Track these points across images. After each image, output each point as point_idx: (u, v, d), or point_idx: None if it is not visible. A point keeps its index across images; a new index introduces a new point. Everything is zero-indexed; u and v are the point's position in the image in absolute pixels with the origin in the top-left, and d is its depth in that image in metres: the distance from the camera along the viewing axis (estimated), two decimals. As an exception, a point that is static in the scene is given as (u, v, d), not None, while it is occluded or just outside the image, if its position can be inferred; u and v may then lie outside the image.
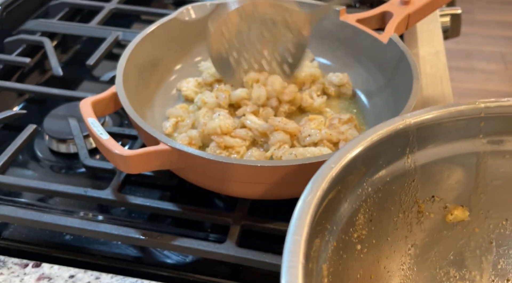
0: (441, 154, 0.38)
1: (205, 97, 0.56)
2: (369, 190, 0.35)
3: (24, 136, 0.55)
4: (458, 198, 0.39)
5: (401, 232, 0.38)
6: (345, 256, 0.34)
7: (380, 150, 0.35)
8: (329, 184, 0.32)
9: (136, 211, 0.51)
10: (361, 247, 0.36)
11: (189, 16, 0.62)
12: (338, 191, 0.33)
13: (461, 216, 0.40)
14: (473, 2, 2.62)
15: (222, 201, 0.52)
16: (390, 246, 0.38)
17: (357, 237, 0.35)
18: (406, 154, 0.37)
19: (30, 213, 0.47)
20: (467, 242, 0.40)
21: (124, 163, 0.43)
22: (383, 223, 0.37)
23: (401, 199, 0.38)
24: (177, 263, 0.47)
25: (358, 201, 0.35)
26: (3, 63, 0.69)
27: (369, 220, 0.36)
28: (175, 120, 0.55)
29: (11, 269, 0.44)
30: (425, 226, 0.39)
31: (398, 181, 0.37)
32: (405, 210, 0.38)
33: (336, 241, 0.33)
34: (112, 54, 0.71)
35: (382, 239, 0.37)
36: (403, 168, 0.37)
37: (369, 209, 0.36)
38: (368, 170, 0.35)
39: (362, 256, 0.36)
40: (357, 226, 0.35)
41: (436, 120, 0.37)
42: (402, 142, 0.36)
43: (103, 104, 0.50)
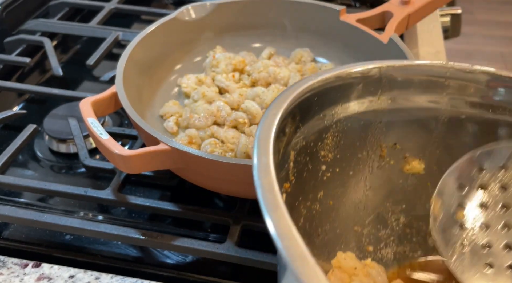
0: (408, 104, 0.40)
1: (205, 90, 0.56)
2: (340, 116, 0.38)
3: (24, 136, 0.55)
4: (417, 150, 0.42)
5: (362, 170, 0.40)
6: (310, 166, 0.36)
7: (355, 82, 0.38)
8: (309, 90, 0.34)
9: (136, 211, 0.51)
10: (325, 168, 0.38)
11: (189, 16, 0.62)
12: (314, 101, 0.35)
13: (417, 168, 0.42)
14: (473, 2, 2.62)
15: (222, 201, 0.52)
16: (351, 182, 0.40)
17: (323, 157, 0.37)
18: (378, 94, 0.39)
19: (30, 213, 0.47)
20: (419, 195, 0.42)
21: (124, 162, 0.43)
22: (348, 155, 0.39)
23: (367, 138, 0.40)
24: (177, 263, 0.47)
25: (329, 119, 0.37)
26: (3, 63, 0.69)
27: (336, 146, 0.38)
28: (175, 118, 0.55)
29: (11, 269, 0.44)
30: (384, 172, 0.41)
31: (367, 117, 0.39)
32: (369, 150, 0.40)
33: (306, 141, 0.35)
34: (112, 54, 0.71)
35: (345, 171, 0.39)
36: (373, 106, 0.39)
37: (338, 133, 0.38)
38: (342, 96, 0.37)
39: (325, 179, 0.38)
40: (325, 144, 0.37)
41: (407, 70, 0.39)
42: (375, 81, 0.39)
43: (103, 104, 0.50)
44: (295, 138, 0.34)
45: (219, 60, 0.60)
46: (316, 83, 0.35)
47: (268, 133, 0.29)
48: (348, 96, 0.38)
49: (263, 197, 0.26)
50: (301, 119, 0.35)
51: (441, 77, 0.39)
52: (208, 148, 0.50)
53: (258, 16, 0.65)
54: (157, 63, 0.59)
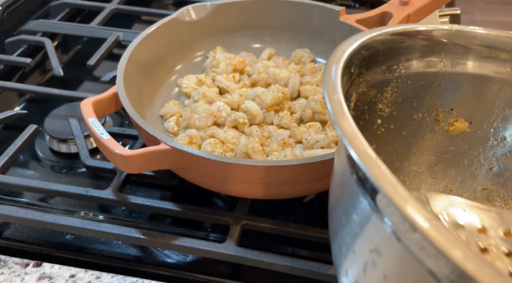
0: (471, 70, 0.40)
1: (205, 91, 0.56)
2: (402, 71, 0.37)
3: (25, 136, 0.55)
4: (473, 119, 0.41)
5: (416, 132, 0.40)
6: (367, 116, 0.37)
7: (422, 41, 0.38)
8: (377, 39, 0.34)
9: (136, 211, 0.51)
10: (381, 122, 0.38)
11: (189, 16, 0.62)
12: (381, 49, 0.35)
13: (461, 127, 0.41)
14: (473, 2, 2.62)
15: (222, 201, 0.52)
16: (403, 142, 0.40)
17: (380, 110, 0.38)
18: (442, 56, 0.39)
19: (31, 213, 0.47)
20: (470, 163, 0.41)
21: (125, 162, 0.43)
22: (404, 113, 0.39)
23: (425, 99, 0.39)
24: (178, 262, 0.47)
25: (391, 73, 0.37)
26: (4, 63, 0.69)
27: (394, 101, 0.38)
28: (176, 118, 0.55)
29: (12, 268, 0.44)
30: (437, 137, 0.41)
31: (427, 78, 0.39)
32: (425, 112, 0.40)
33: (367, 88, 0.35)
34: (112, 54, 0.71)
35: (399, 129, 0.39)
36: (435, 67, 0.39)
37: (397, 89, 0.38)
38: (407, 52, 0.37)
39: (379, 133, 0.38)
40: (384, 98, 0.37)
41: (474, 37, 0.39)
42: (440, 43, 0.38)
43: (104, 104, 0.50)
44: (357, 82, 0.34)
45: (219, 61, 0.61)
46: (384, 34, 0.35)
47: (337, 62, 0.30)
48: (413, 54, 0.38)
49: (332, 109, 0.27)
50: (366, 65, 0.35)
51: (506, 48, 0.39)
52: (208, 147, 0.50)
53: (258, 16, 0.65)
54: (157, 63, 0.60)
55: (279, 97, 0.55)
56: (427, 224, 0.20)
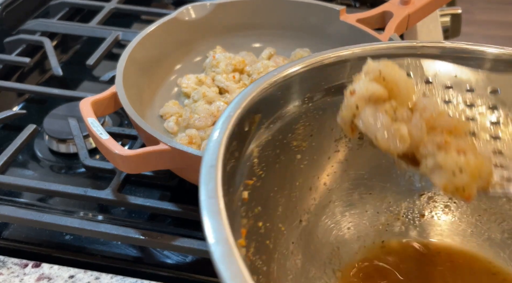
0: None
1: (205, 91, 0.56)
2: (309, 105, 0.36)
3: (24, 136, 0.55)
4: None
5: (341, 154, 0.39)
6: (283, 158, 0.35)
7: (323, 73, 0.37)
8: (273, 82, 0.33)
9: (136, 211, 0.51)
10: (301, 157, 0.37)
11: (189, 16, 0.62)
12: (279, 93, 0.34)
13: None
14: (473, 2, 2.62)
15: (222, 201, 0.52)
16: (331, 166, 0.39)
17: (297, 147, 0.36)
18: (346, 78, 0.38)
19: (30, 213, 0.47)
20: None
21: (124, 162, 0.43)
22: (324, 142, 0.38)
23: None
24: (177, 263, 0.47)
25: (297, 110, 0.36)
26: (3, 63, 0.69)
27: (309, 135, 0.37)
28: (175, 118, 0.55)
29: (11, 269, 0.44)
30: (364, 151, 0.40)
31: (339, 102, 0.37)
32: (345, 133, 0.38)
33: (272, 136, 0.34)
34: (112, 54, 0.71)
35: (323, 157, 0.38)
36: (342, 91, 0.38)
37: (310, 123, 0.36)
38: (310, 87, 0.36)
39: (302, 167, 0.37)
40: (296, 135, 0.36)
41: (374, 53, 0.38)
42: (343, 69, 0.37)
43: (103, 104, 0.50)
44: (258, 134, 0.33)
45: (219, 60, 0.60)
46: (278, 78, 0.34)
47: (220, 138, 0.28)
48: (317, 86, 0.37)
49: (205, 204, 0.26)
50: (265, 115, 0.34)
51: (415, 55, 0.38)
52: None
53: (258, 16, 0.65)
54: (157, 63, 0.59)
55: None
56: None
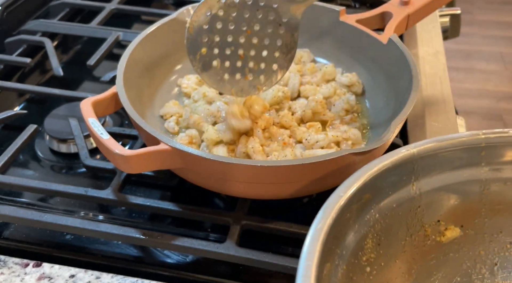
0: (445, 181, 0.39)
1: (205, 91, 0.56)
2: (376, 216, 0.37)
3: (25, 136, 0.55)
4: (463, 222, 0.40)
5: (409, 254, 0.39)
6: (355, 278, 0.35)
7: (386, 179, 0.37)
8: (338, 212, 0.33)
9: (136, 211, 0.51)
10: (370, 269, 0.37)
11: (189, 16, 0.62)
12: (347, 218, 0.34)
13: (454, 233, 0.41)
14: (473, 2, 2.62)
15: (222, 201, 0.52)
16: (399, 268, 0.39)
17: (366, 260, 0.36)
18: (411, 181, 0.38)
19: (30, 213, 0.47)
20: (473, 265, 0.41)
21: (125, 162, 0.43)
22: (391, 247, 0.38)
23: (408, 224, 0.39)
24: (177, 262, 0.47)
25: (366, 226, 0.36)
26: (3, 63, 0.69)
27: (377, 244, 0.37)
28: (176, 118, 0.55)
29: (12, 268, 0.44)
30: (432, 249, 0.40)
31: (404, 207, 0.38)
32: (412, 234, 0.39)
33: (346, 264, 0.34)
34: (112, 54, 0.71)
35: (391, 261, 0.38)
36: (409, 194, 0.38)
37: (377, 233, 0.37)
38: (374, 197, 0.37)
39: (372, 277, 0.37)
40: (366, 250, 0.36)
41: (439, 150, 0.38)
42: (407, 170, 0.38)
43: (104, 105, 0.50)
44: (333, 268, 0.33)
45: (219, 61, 0.60)
46: (343, 202, 0.34)
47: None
48: (382, 195, 0.37)
49: None
50: (336, 243, 0.34)
51: (474, 150, 0.38)
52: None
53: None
54: (157, 63, 0.60)
55: (279, 97, 0.55)
56: None
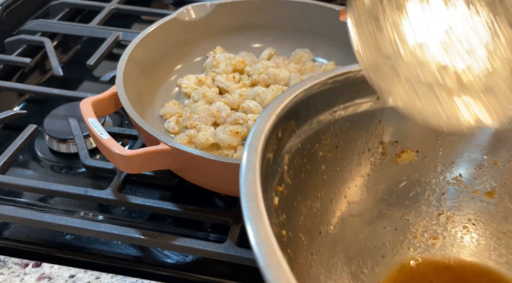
0: None
1: (205, 91, 0.56)
2: (338, 117, 0.37)
3: (25, 136, 0.55)
4: (419, 148, 0.41)
5: (364, 169, 0.40)
6: (308, 167, 0.36)
7: (352, 83, 0.37)
8: (304, 93, 0.33)
9: (136, 211, 0.51)
10: (325, 168, 0.37)
11: (189, 16, 0.62)
12: (310, 102, 0.35)
13: (409, 157, 0.41)
14: (473, 2, 2.62)
15: (222, 201, 0.52)
16: (353, 180, 0.39)
17: (322, 157, 0.37)
18: (376, 94, 0.38)
19: (30, 213, 0.47)
20: (423, 191, 0.41)
21: (125, 162, 0.43)
22: (348, 154, 0.39)
23: (367, 137, 0.39)
24: (177, 262, 0.47)
25: (327, 121, 0.36)
26: (3, 63, 0.69)
27: (335, 146, 0.37)
28: (176, 118, 0.55)
29: (12, 269, 0.44)
30: (385, 168, 0.40)
31: (365, 116, 0.38)
32: (370, 149, 0.39)
33: (301, 144, 0.35)
34: (112, 54, 0.71)
35: (346, 170, 0.39)
36: (372, 106, 0.38)
37: (336, 134, 0.37)
38: (340, 97, 0.37)
39: (325, 178, 0.37)
40: (323, 145, 0.37)
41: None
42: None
43: (104, 104, 0.50)
44: (290, 142, 0.34)
45: (219, 61, 0.60)
46: (308, 87, 0.34)
47: (257, 142, 0.29)
48: (346, 97, 0.38)
49: (246, 206, 0.26)
50: (297, 123, 0.34)
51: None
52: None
53: (258, 16, 0.65)
54: (157, 63, 0.60)
55: None
56: None
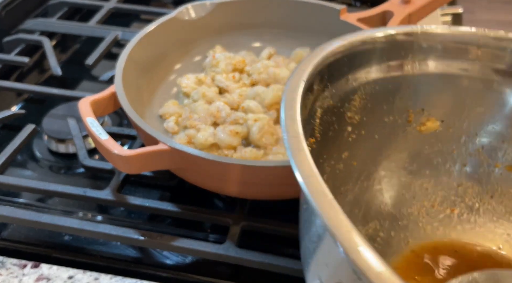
0: (438, 70, 0.39)
1: (205, 91, 0.56)
2: (369, 78, 0.37)
3: (23, 136, 0.55)
4: (444, 117, 0.40)
5: (388, 134, 0.40)
6: (336, 126, 0.36)
7: (386, 46, 0.37)
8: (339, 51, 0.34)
9: (135, 211, 0.51)
10: (351, 129, 0.37)
11: (188, 15, 0.62)
12: (345, 60, 0.35)
13: (433, 126, 0.41)
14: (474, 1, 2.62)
15: (222, 201, 0.52)
16: (375, 145, 0.39)
17: (350, 118, 0.37)
18: (408, 59, 0.38)
19: (29, 213, 0.47)
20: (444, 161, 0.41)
21: (124, 163, 0.43)
22: (375, 118, 0.39)
23: (395, 102, 0.39)
24: (177, 263, 0.47)
25: (358, 81, 0.37)
26: (2, 62, 0.69)
27: (363, 108, 0.37)
28: (175, 118, 0.55)
29: (10, 269, 0.44)
30: (410, 137, 0.40)
31: (395, 81, 0.38)
32: (396, 115, 0.39)
33: (333, 101, 0.35)
34: (111, 53, 0.71)
35: (370, 133, 0.39)
36: (402, 70, 0.38)
37: (365, 96, 0.37)
38: (373, 58, 0.37)
39: (351, 140, 0.38)
40: (352, 106, 0.37)
41: (440, 36, 0.38)
42: (407, 45, 0.38)
43: (102, 104, 0.50)
44: (322, 96, 0.34)
45: (219, 60, 0.60)
46: (346, 44, 0.35)
47: (296, 87, 0.29)
48: (379, 59, 0.38)
49: (289, 142, 0.26)
50: (330, 78, 0.34)
51: (472, 45, 0.39)
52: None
53: (258, 15, 0.64)
54: (156, 63, 0.59)
55: (279, 96, 0.55)
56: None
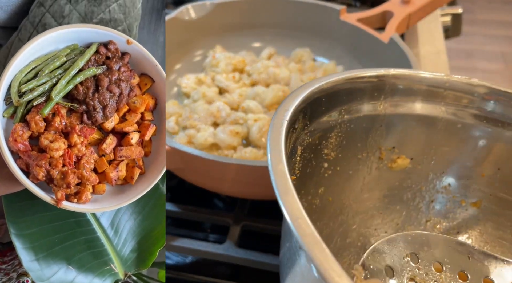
0: (408, 110, 0.42)
1: (205, 91, 0.56)
2: (345, 117, 0.39)
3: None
4: (414, 155, 0.43)
5: (361, 170, 0.42)
6: (313, 163, 0.38)
7: (361, 87, 0.39)
8: (319, 90, 0.36)
9: (135, 211, 0.51)
10: (327, 166, 0.40)
11: (188, 15, 0.62)
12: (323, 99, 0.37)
13: (403, 163, 0.43)
14: (474, 1, 2.62)
15: (222, 201, 0.52)
16: (350, 180, 0.41)
17: (326, 155, 0.39)
18: (381, 100, 0.40)
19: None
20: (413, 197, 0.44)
21: (124, 163, 0.43)
22: (349, 155, 0.41)
23: (368, 139, 0.41)
24: (177, 263, 0.47)
25: (335, 120, 0.39)
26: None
27: (339, 145, 0.40)
28: (175, 118, 0.55)
29: None
30: (382, 174, 0.42)
31: (369, 120, 0.41)
32: (369, 151, 0.42)
33: (312, 139, 0.37)
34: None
35: (345, 170, 0.41)
36: (375, 110, 0.41)
37: (341, 133, 0.39)
38: (348, 99, 0.39)
39: (327, 176, 0.40)
40: (329, 143, 0.39)
41: (410, 78, 0.41)
42: (379, 87, 0.40)
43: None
44: (302, 134, 0.36)
45: (219, 60, 0.60)
46: (325, 85, 0.36)
47: (280, 127, 0.31)
48: (354, 100, 0.39)
49: (276, 182, 0.28)
50: (310, 117, 0.36)
51: (440, 88, 0.41)
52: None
53: (258, 15, 0.64)
54: (156, 63, 0.59)
55: (279, 96, 0.55)
56: None
